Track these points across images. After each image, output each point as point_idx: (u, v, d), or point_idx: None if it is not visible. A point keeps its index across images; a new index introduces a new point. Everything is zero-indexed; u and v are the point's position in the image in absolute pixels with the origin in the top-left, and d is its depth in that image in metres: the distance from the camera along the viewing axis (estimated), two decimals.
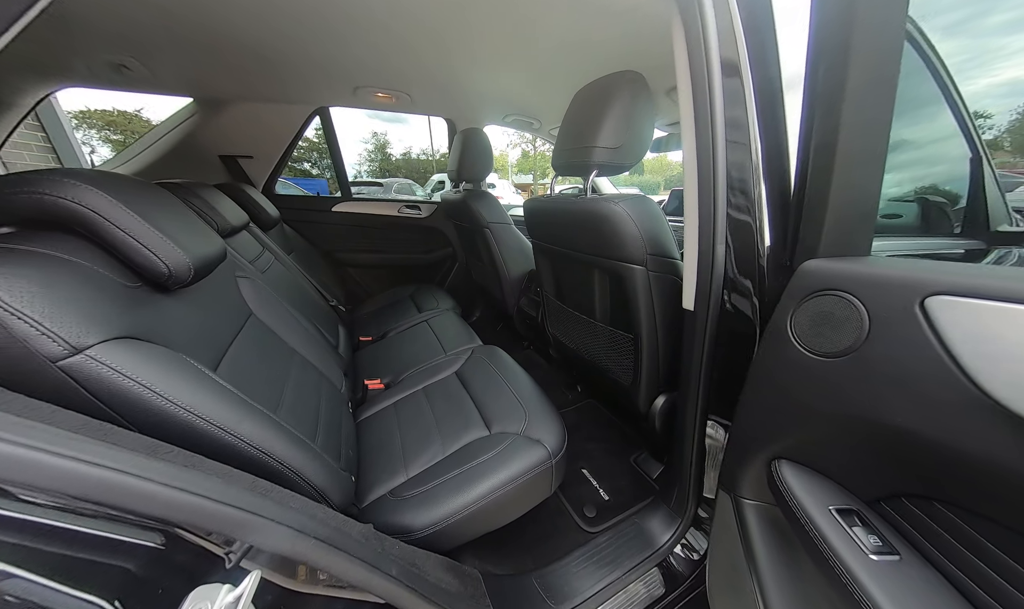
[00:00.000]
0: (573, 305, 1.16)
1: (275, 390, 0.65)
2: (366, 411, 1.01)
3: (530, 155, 27.55)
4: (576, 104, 0.92)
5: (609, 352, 1.04)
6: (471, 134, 1.54)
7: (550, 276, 1.25)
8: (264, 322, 0.79)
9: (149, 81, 1.18)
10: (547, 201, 1.04)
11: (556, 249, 1.07)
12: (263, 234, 1.22)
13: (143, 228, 0.44)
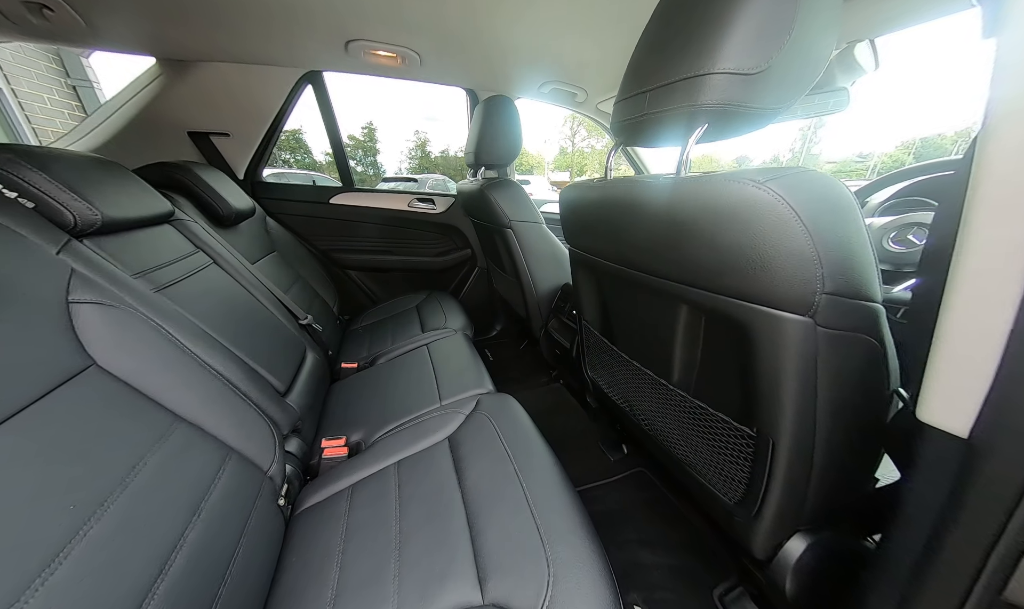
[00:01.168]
0: (632, 352, 0.74)
1: (65, 522, 0.33)
2: (311, 497, 0.68)
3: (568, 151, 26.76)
4: (667, 11, 0.51)
5: (698, 442, 0.61)
6: (495, 103, 1.16)
7: (594, 301, 0.84)
8: (119, 375, 0.48)
9: (89, 33, 0.93)
10: (597, 189, 0.63)
11: (610, 266, 0.66)
12: (210, 230, 0.93)
13: None
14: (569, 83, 1.41)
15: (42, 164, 0.53)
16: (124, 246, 0.63)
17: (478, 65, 1.32)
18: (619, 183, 0.58)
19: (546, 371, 1.65)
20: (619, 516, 0.94)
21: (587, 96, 1.49)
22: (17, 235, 0.46)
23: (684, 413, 0.62)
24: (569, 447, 1.17)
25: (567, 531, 0.52)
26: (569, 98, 1.54)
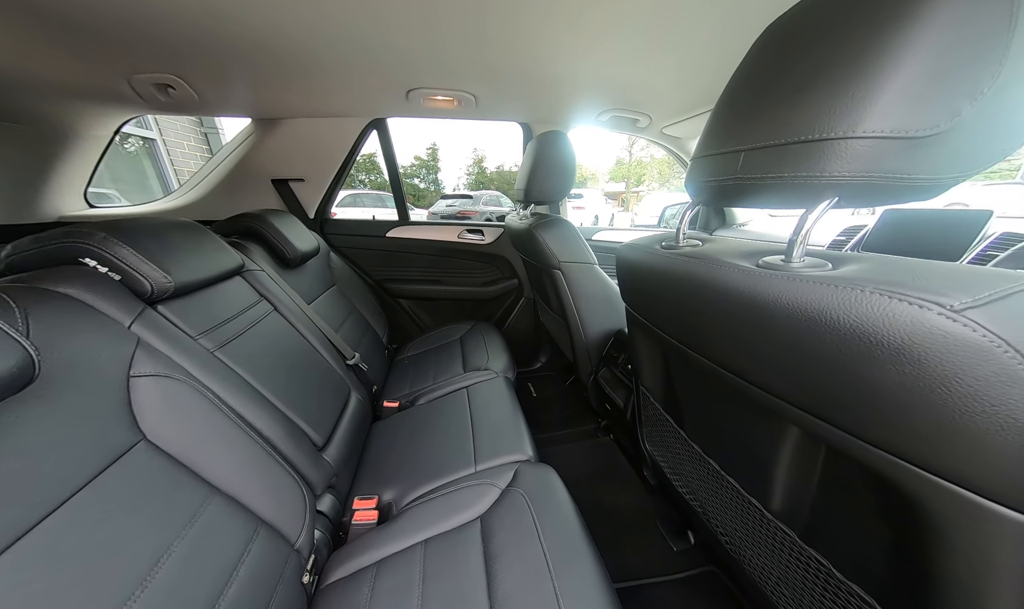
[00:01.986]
0: (709, 449, 0.59)
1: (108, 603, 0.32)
2: (336, 570, 0.64)
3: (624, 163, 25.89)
4: (776, 44, 0.39)
5: (811, 603, 0.44)
6: (549, 140, 1.09)
7: (655, 370, 0.70)
8: (165, 448, 0.49)
9: (200, 103, 1.09)
10: (665, 258, 0.51)
11: (678, 347, 0.53)
12: (276, 275, 1.00)
13: None
14: (631, 110, 1.30)
15: (130, 238, 0.59)
16: (193, 305, 0.68)
17: (533, 100, 1.28)
18: (696, 261, 0.45)
19: (594, 417, 1.49)
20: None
21: (651, 122, 1.35)
22: (94, 312, 0.50)
23: (788, 557, 0.46)
24: (620, 524, 1.01)
25: None
26: (629, 124, 1.42)
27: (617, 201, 22.88)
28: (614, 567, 0.56)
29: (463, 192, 11.93)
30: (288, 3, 0.70)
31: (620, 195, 23.89)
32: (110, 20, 0.74)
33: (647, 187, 23.99)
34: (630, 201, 22.64)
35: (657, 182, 24.38)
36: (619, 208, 20.47)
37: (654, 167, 25.75)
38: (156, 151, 3.52)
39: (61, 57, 0.85)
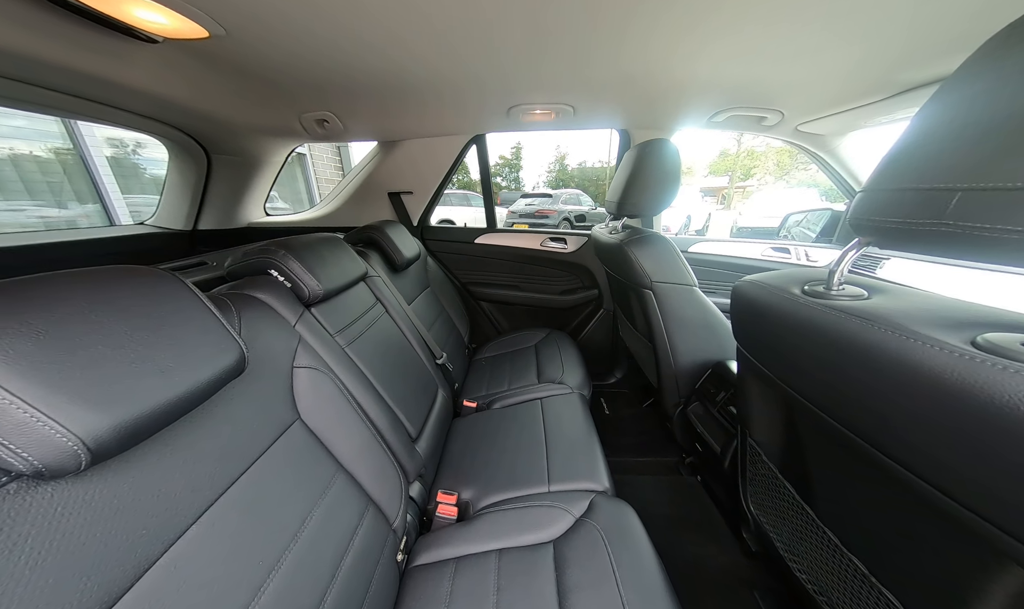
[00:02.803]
0: (852, 542, 0.47)
1: (262, 567, 0.43)
2: (422, 554, 0.72)
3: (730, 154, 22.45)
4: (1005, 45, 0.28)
5: None
6: (652, 149, 1.01)
7: (775, 429, 0.59)
8: (312, 427, 0.61)
9: (344, 131, 1.34)
10: (808, 308, 0.42)
11: (828, 423, 0.43)
12: (388, 280, 1.16)
13: None
14: (755, 107, 1.11)
15: (298, 253, 0.75)
16: (333, 308, 0.83)
17: (636, 106, 1.20)
18: (864, 324, 0.35)
19: (677, 450, 1.35)
20: None
21: (783, 118, 1.14)
22: (275, 313, 0.65)
23: None
24: (708, 585, 0.89)
25: None
26: (751, 123, 1.22)
27: (717, 197, 19.98)
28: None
29: (543, 191, 11.99)
30: (408, 45, 0.80)
31: (721, 191, 20.81)
32: (291, 76, 0.96)
33: (758, 182, 20.38)
34: (732, 198, 19.55)
35: (773, 175, 20.53)
36: (718, 206, 17.87)
37: (770, 157, 21.68)
38: (305, 162, 4.45)
39: (260, 107, 1.14)
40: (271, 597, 0.43)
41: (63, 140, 2.86)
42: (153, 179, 3.64)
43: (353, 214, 1.66)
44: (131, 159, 3.47)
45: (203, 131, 1.29)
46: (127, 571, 0.32)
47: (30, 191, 2.77)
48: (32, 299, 0.31)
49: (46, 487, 0.29)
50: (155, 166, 3.58)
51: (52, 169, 2.86)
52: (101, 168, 2.97)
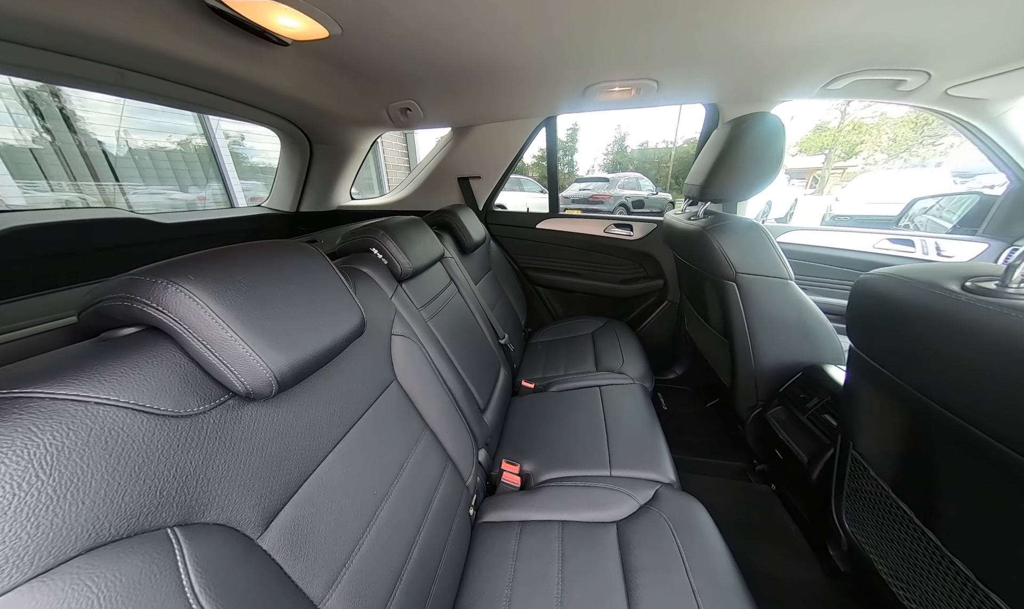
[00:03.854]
0: (993, 579, 0.41)
1: (370, 506, 0.51)
2: (490, 512, 0.79)
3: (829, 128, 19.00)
4: None
5: None
6: (751, 125, 0.89)
7: (892, 436, 0.53)
8: (405, 388, 0.70)
9: (424, 119, 1.42)
10: (967, 308, 0.36)
11: (974, 435, 0.37)
12: (459, 261, 1.22)
13: (225, 338, 0.34)
14: (893, 68, 0.92)
15: (393, 234, 0.83)
16: (418, 284, 0.92)
17: (730, 77, 1.07)
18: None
19: (746, 456, 1.25)
20: None
21: (928, 80, 0.93)
22: (377, 286, 0.74)
23: None
24: (781, 601, 0.83)
25: None
26: (882, 88, 1.02)
27: (807, 181, 17.14)
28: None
29: (599, 175, 11.39)
30: (482, 31, 0.81)
31: (813, 173, 17.80)
32: (386, 69, 1.04)
33: (863, 161, 16.98)
34: (827, 180, 16.59)
35: (885, 153, 16.97)
36: (808, 190, 15.34)
37: (884, 130, 17.91)
38: (377, 149, 4.80)
39: (357, 98, 1.26)
40: (383, 520, 0.51)
41: (200, 135, 3.48)
42: (252, 167, 4.26)
43: (425, 199, 1.76)
44: (236, 149, 4.08)
45: (308, 122, 1.47)
46: (295, 476, 0.41)
47: (177, 176, 3.44)
48: (233, 264, 0.39)
49: (248, 406, 0.38)
50: (254, 155, 4.18)
51: (192, 159, 3.52)
52: (225, 157, 3.55)
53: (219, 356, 0.34)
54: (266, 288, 0.40)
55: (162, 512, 0.29)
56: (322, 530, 0.43)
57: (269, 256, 0.44)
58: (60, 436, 0.25)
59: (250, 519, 0.35)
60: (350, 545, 0.46)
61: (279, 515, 0.39)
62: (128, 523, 0.26)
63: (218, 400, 0.36)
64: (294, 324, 0.41)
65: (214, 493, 0.33)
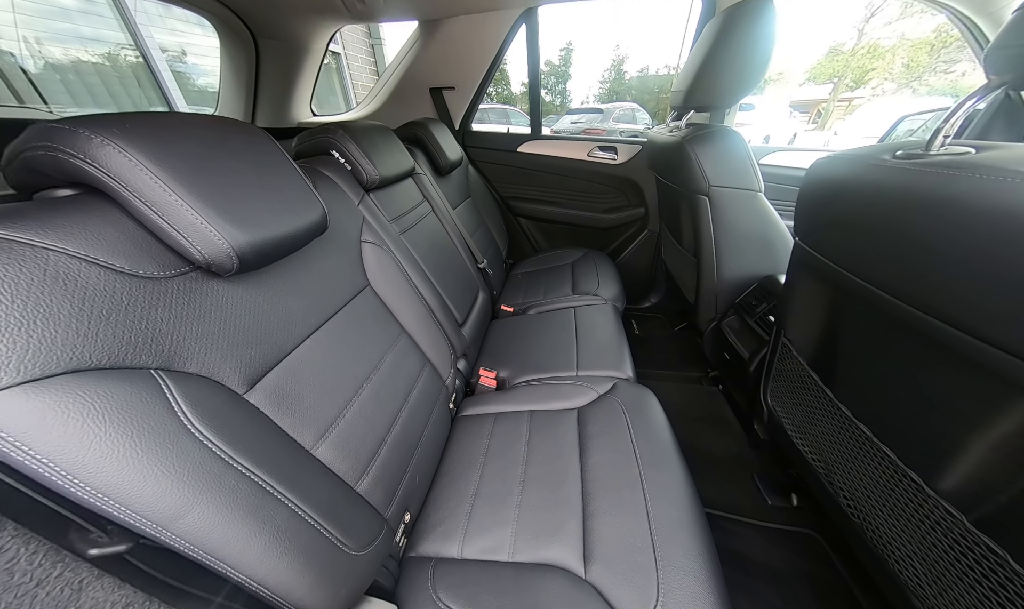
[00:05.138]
0: (863, 414, 0.51)
1: (351, 385, 0.57)
2: (468, 409, 0.88)
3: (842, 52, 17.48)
4: None
5: (962, 595, 0.40)
6: (743, 12, 0.82)
7: (815, 325, 0.60)
8: (379, 294, 0.72)
9: (384, 6, 1.24)
10: (902, 172, 0.39)
11: (879, 297, 0.43)
12: (433, 181, 1.18)
13: (170, 201, 0.34)
14: None
15: (356, 137, 0.79)
16: (387, 196, 0.89)
17: None
18: (962, 174, 0.32)
19: (702, 367, 1.40)
20: (761, 570, 0.78)
21: None
22: (341, 190, 0.72)
23: (940, 537, 0.40)
24: (714, 467, 1.01)
25: (687, 563, 0.48)
26: None
27: (811, 114, 16.23)
28: (700, 494, 0.60)
29: (592, 105, 10.41)
30: None
31: (818, 105, 16.79)
32: None
33: (871, 91, 16.00)
34: (831, 113, 15.77)
35: (896, 81, 15.98)
36: (810, 125, 14.62)
37: (900, 54, 16.72)
38: (341, 65, 4.23)
39: None
40: (361, 405, 0.57)
41: (131, 48, 2.95)
42: (201, 91, 3.72)
43: (395, 113, 1.60)
44: (179, 67, 3.51)
45: (247, 8, 1.26)
46: (274, 350, 0.45)
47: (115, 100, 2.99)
48: (167, 127, 0.38)
49: (213, 281, 0.40)
50: (202, 75, 3.62)
51: (127, 78, 3.02)
52: (166, 76, 3.07)
53: (168, 220, 0.34)
54: (210, 160, 0.39)
55: (141, 354, 0.32)
56: (306, 397, 0.48)
57: (210, 129, 0.42)
58: (14, 271, 0.26)
59: (233, 378, 0.39)
60: (335, 411, 0.52)
61: (263, 380, 0.43)
62: (108, 356, 0.29)
63: (179, 270, 0.37)
64: (248, 202, 0.41)
65: (192, 350, 0.36)
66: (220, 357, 0.39)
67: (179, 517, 0.29)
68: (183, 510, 0.29)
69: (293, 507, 0.38)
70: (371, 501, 0.53)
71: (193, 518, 0.29)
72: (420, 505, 0.66)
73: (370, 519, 0.51)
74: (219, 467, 0.33)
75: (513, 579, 0.51)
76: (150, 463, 0.28)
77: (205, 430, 0.33)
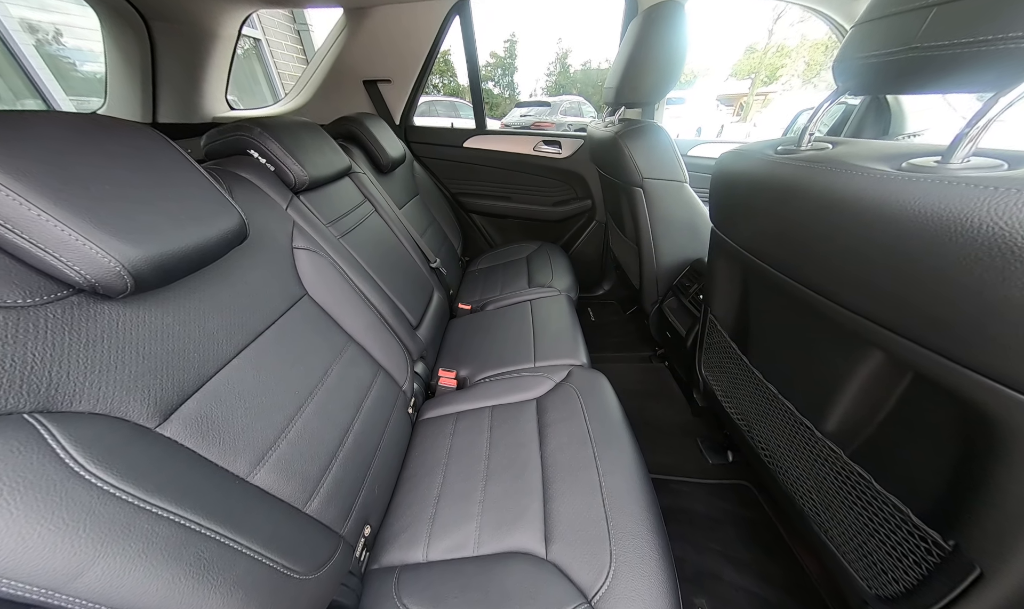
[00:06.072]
0: (769, 373, 0.59)
1: (292, 403, 0.53)
2: (429, 411, 0.87)
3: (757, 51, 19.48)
4: None
5: (841, 510, 0.48)
6: (659, 14, 0.89)
7: (731, 299, 0.68)
8: (319, 303, 0.68)
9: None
10: (782, 165, 0.45)
11: (769, 272, 0.50)
12: (374, 179, 1.12)
13: (30, 216, 0.29)
14: None
15: (277, 135, 0.72)
16: (321, 198, 0.84)
17: None
18: (816, 167, 0.39)
19: (651, 346, 1.51)
20: (705, 521, 0.88)
21: None
22: (264, 194, 0.66)
23: (828, 471, 0.48)
24: (663, 436, 1.10)
25: (635, 528, 0.52)
26: None
27: (734, 107, 17.96)
28: (648, 462, 0.65)
29: (540, 99, 10.56)
30: None
31: (739, 99, 18.62)
32: None
33: (781, 86, 18.08)
34: (751, 107, 17.59)
35: (800, 78, 18.17)
36: (734, 117, 16.18)
37: (802, 53, 18.95)
38: (263, 52, 3.81)
39: None
40: (305, 423, 0.54)
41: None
42: (87, 79, 3.13)
43: (327, 108, 1.49)
44: (55, 51, 2.92)
45: None
46: (191, 376, 0.41)
47: None
48: (27, 134, 0.32)
49: (104, 305, 0.35)
50: (87, 61, 3.04)
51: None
52: (32, 60, 2.52)
53: (30, 239, 0.29)
54: (84, 167, 0.34)
55: (8, 398, 0.27)
56: (237, 422, 0.44)
57: (79, 131, 0.36)
58: None
59: (140, 411, 0.35)
60: (274, 433, 0.48)
61: (179, 409, 0.39)
62: None
63: (53, 294, 0.32)
64: (138, 212, 0.36)
65: (79, 385, 0.31)
66: (119, 390, 0.34)
67: (77, 576, 0.25)
68: (82, 567, 0.26)
69: (225, 541, 0.35)
70: (324, 520, 0.51)
71: (95, 574, 0.26)
72: (381, 516, 0.65)
73: (322, 539, 0.49)
74: (125, 512, 0.29)
75: (478, 572, 0.52)
76: (32, 522, 0.25)
77: (103, 473, 0.29)
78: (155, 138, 0.42)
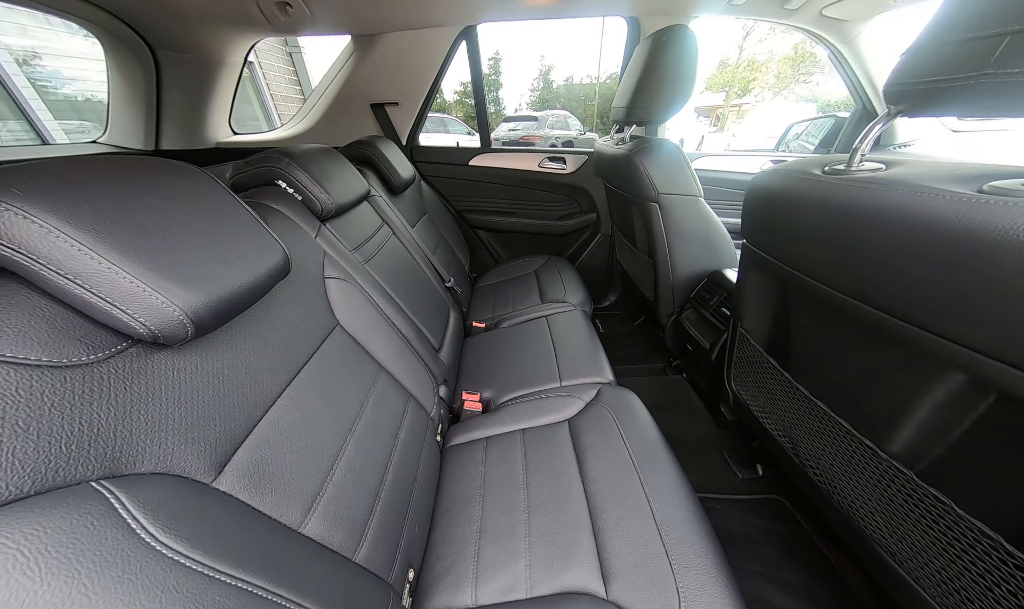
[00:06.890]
0: (818, 391, 0.59)
1: (335, 441, 0.50)
2: (456, 437, 0.84)
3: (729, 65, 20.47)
4: None
5: (912, 533, 0.47)
6: (669, 38, 0.92)
7: (767, 315, 0.68)
8: (350, 333, 0.66)
9: (311, 19, 1.15)
10: (833, 187, 0.45)
11: (822, 291, 0.50)
12: (388, 201, 1.11)
13: (100, 270, 0.27)
14: None
15: (303, 163, 0.71)
16: (345, 226, 0.82)
17: None
18: (882, 188, 0.39)
19: (665, 357, 1.51)
20: (742, 540, 0.86)
21: None
22: (295, 224, 0.64)
23: (897, 492, 0.47)
24: (688, 452, 1.09)
25: (698, 562, 0.50)
26: (773, 6, 1.11)
27: (711, 118, 18.72)
28: None
29: (527, 113, 10.85)
30: None
31: (716, 110, 19.42)
32: None
33: (754, 98, 18.98)
34: (727, 118, 18.34)
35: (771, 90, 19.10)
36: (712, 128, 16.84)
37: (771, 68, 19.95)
38: (255, 74, 3.81)
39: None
40: (348, 463, 0.51)
41: None
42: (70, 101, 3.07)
43: (334, 131, 1.49)
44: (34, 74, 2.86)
45: (141, 18, 1.07)
46: (242, 422, 0.38)
47: None
48: (87, 181, 0.30)
49: (160, 354, 0.33)
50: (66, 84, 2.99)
51: None
52: (16, 81, 2.46)
53: (98, 292, 0.27)
54: (143, 213, 0.32)
55: (78, 465, 0.24)
56: (286, 467, 0.41)
57: (134, 174, 0.34)
58: None
59: (197, 466, 0.32)
60: (321, 476, 0.45)
61: (232, 459, 0.36)
62: (33, 479, 0.22)
63: (114, 348, 0.29)
64: (196, 256, 0.34)
65: (142, 444, 0.29)
66: (178, 444, 0.31)
67: None
68: None
69: (290, 605, 0.32)
70: (372, 568, 0.48)
71: None
72: (422, 556, 0.61)
73: (372, 590, 0.46)
74: (197, 584, 0.26)
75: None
76: (109, 605, 0.22)
77: (172, 542, 0.26)
78: (201, 177, 0.40)
